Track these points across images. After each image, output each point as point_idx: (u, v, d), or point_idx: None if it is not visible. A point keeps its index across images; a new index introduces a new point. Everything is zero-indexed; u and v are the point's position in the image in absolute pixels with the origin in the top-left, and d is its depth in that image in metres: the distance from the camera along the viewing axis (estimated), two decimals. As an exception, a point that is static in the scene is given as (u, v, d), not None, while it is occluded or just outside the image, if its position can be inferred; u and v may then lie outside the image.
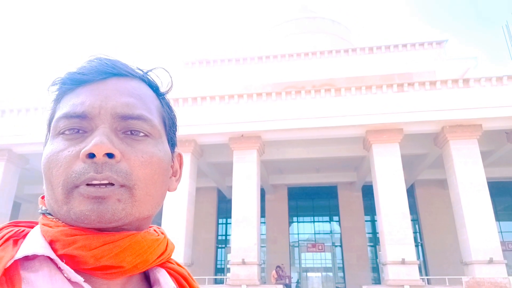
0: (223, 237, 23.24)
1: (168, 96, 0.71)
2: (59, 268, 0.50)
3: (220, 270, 22.45)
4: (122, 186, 0.53)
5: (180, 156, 0.70)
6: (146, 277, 0.62)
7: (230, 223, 16.21)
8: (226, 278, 15.58)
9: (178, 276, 0.64)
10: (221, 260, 22.84)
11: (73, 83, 0.59)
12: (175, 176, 0.67)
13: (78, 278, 0.50)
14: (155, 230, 0.62)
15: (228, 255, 18.73)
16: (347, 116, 15.18)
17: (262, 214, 20.98)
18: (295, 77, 22.35)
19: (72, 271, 0.50)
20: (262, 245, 21.10)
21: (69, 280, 0.50)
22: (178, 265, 0.66)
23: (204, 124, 15.91)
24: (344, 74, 22.09)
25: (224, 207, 22.40)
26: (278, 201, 22.81)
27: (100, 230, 0.53)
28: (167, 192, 0.65)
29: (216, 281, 19.52)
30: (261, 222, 18.19)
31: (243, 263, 14.33)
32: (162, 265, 0.62)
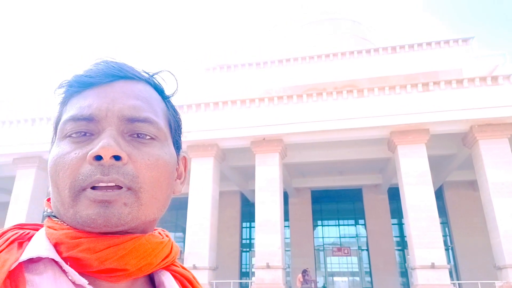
0: (247, 241, 23.25)
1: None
2: (63, 270, 0.50)
3: (245, 274, 22.45)
4: (128, 189, 0.53)
5: (185, 159, 0.70)
6: (151, 280, 0.61)
7: (254, 227, 16.20)
8: (251, 282, 15.55)
9: (182, 279, 0.63)
10: (246, 264, 22.84)
11: (80, 85, 0.59)
12: (180, 179, 0.67)
13: (83, 281, 0.50)
14: (159, 233, 0.62)
15: (253, 259, 18.72)
16: (371, 117, 14.94)
17: (286, 217, 20.87)
18: (316, 79, 22.20)
19: (76, 273, 0.50)
20: (287, 249, 20.97)
21: (73, 282, 0.50)
22: (183, 268, 0.66)
23: (225, 129, 16.02)
24: (366, 74, 21.77)
25: (247, 211, 22.43)
26: (302, 205, 22.64)
27: (105, 233, 0.53)
28: (177, 195, 0.65)
29: (242, 285, 19.52)
30: (285, 226, 18.10)
31: (268, 267, 14.27)
32: (166, 268, 0.62)
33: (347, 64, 22.76)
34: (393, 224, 21.98)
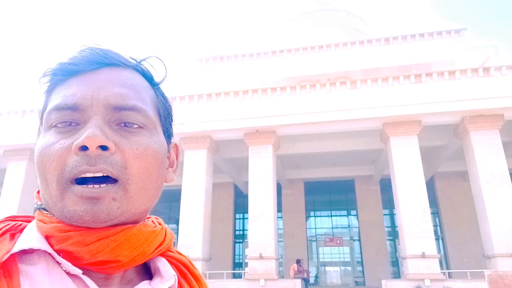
0: (241, 232, 23.35)
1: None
2: (57, 262, 0.50)
3: (238, 264, 22.59)
4: (116, 181, 0.52)
5: (176, 146, 0.68)
6: (147, 266, 0.61)
7: (247, 218, 16.26)
8: (244, 273, 15.66)
9: (179, 264, 0.63)
10: (239, 255, 22.97)
11: (64, 73, 0.57)
12: (172, 167, 0.66)
13: (77, 271, 0.50)
14: (153, 221, 0.61)
15: (246, 250, 18.82)
16: (364, 108, 14.97)
17: (279, 209, 20.97)
18: (310, 70, 22.16)
19: (69, 264, 0.50)
20: (280, 239, 21.10)
21: (67, 273, 0.50)
22: (179, 253, 0.66)
23: (219, 120, 15.95)
24: (359, 66, 21.77)
25: (241, 202, 22.49)
26: (295, 196, 22.75)
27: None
28: (169, 184, 0.64)
29: (235, 276, 19.65)
30: (278, 217, 18.19)
31: (261, 257, 14.37)
32: (162, 254, 0.61)
33: (340, 56, 22.73)
34: (384, 214, 22.20)
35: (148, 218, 0.61)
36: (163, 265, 0.59)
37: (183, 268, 0.63)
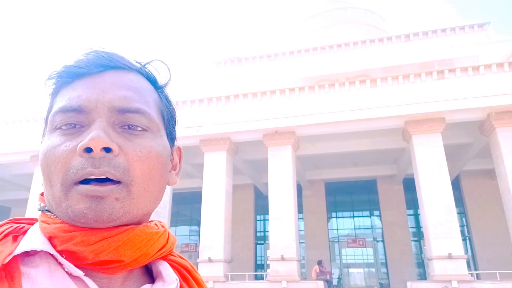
0: (262, 234, 23.34)
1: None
2: (59, 263, 0.50)
3: (260, 266, 22.57)
4: (119, 182, 0.52)
5: (179, 149, 0.69)
6: (148, 269, 0.61)
7: (268, 220, 16.23)
8: (266, 274, 15.63)
9: (180, 268, 0.63)
10: (260, 256, 22.96)
11: (69, 76, 0.58)
12: (175, 170, 0.66)
13: (79, 272, 0.50)
14: (156, 224, 0.61)
15: (268, 251, 18.78)
16: (384, 107, 14.72)
17: (300, 210, 20.84)
18: (328, 70, 21.96)
19: (72, 265, 0.50)
20: (301, 241, 20.97)
21: (69, 274, 0.50)
22: (181, 257, 0.66)
23: (237, 122, 16.00)
24: (379, 64, 21.42)
25: (261, 204, 22.48)
26: (316, 197, 22.57)
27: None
28: (174, 186, 0.63)
29: (257, 277, 19.63)
30: (299, 218, 18.08)
31: (282, 259, 14.30)
32: (164, 258, 0.61)
33: (359, 54, 22.44)
34: (408, 215, 21.74)
35: (150, 221, 0.61)
36: (165, 269, 0.59)
37: (185, 272, 0.63)
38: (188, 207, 23.69)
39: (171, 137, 0.65)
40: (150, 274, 0.61)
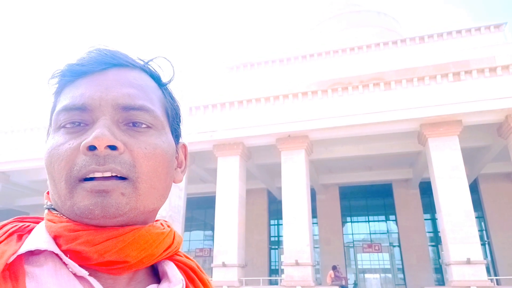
0: (276, 238, 23.22)
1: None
2: (64, 263, 0.50)
3: (274, 271, 22.44)
4: (125, 179, 0.52)
5: (184, 147, 0.68)
6: (154, 269, 0.61)
7: (282, 224, 16.15)
8: (280, 279, 15.52)
9: (186, 268, 0.62)
10: (275, 261, 22.83)
11: (72, 75, 0.58)
12: (180, 168, 0.66)
13: (83, 272, 0.49)
14: (161, 224, 0.61)
15: (282, 256, 18.68)
16: (399, 110, 14.54)
17: (314, 214, 20.69)
18: (341, 73, 21.76)
19: (76, 265, 0.49)
20: (316, 246, 20.79)
21: (74, 274, 0.50)
22: (187, 257, 0.65)
23: (250, 126, 16.02)
24: (393, 66, 21.09)
25: (275, 208, 22.40)
26: (330, 201, 22.37)
27: (105, 226, 0.52)
28: (177, 184, 0.62)
29: (271, 282, 19.52)
30: (313, 223, 17.94)
31: (297, 264, 14.19)
32: (170, 258, 0.61)
33: (373, 57, 22.26)
34: (425, 219, 21.36)
35: (156, 220, 0.61)
36: (171, 269, 0.59)
37: (191, 273, 0.62)
38: (202, 212, 23.76)
39: (176, 135, 0.65)
40: (155, 274, 0.60)
